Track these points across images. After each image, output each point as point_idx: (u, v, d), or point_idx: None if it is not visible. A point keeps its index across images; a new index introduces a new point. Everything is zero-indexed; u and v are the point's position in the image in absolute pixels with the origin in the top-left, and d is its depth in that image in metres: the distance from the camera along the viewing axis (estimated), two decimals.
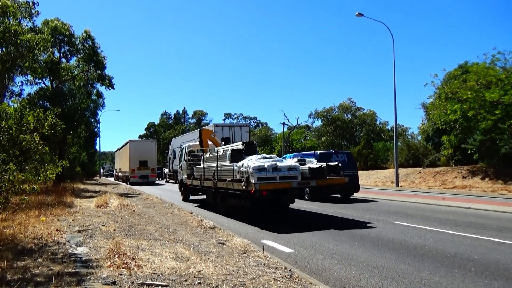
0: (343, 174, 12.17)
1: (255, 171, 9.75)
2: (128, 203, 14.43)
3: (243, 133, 24.20)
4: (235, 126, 25.17)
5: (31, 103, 22.91)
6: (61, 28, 24.38)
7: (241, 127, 25.06)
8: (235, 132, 24.05)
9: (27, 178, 8.22)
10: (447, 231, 8.68)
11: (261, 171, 9.81)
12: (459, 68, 29.42)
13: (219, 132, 22.90)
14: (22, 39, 17.90)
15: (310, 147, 59.06)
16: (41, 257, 5.74)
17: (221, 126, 24.68)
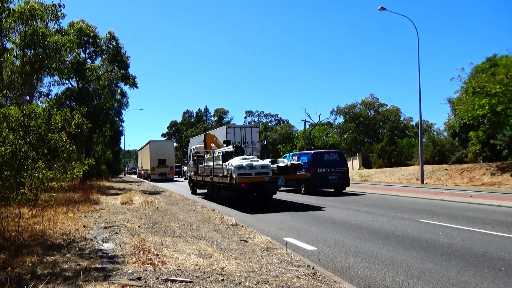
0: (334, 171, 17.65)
1: (235, 168, 12.62)
2: (152, 200, 14.68)
3: (253, 134, 25.93)
4: (246, 127, 27.18)
5: (59, 103, 23.59)
6: (86, 30, 24.98)
7: (252, 128, 26.87)
8: (246, 132, 25.83)
9: (56, 176, 8.47)
10: (475, 229, 8.42)
11: (240, 168, 12.63)
12: (488, 61, 28.43)
13: (231, 133, 24.87)
14: (49, 41, 18.45)
15: (332, 144, 58.58)
16: (69, 253, 5.90)
17: (233, 127, 26.52)
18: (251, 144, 25.25)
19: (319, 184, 18.16)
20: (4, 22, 16.52)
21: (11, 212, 8.51)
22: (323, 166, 18.19)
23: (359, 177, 34.36)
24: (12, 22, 17.17)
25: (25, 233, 6.93)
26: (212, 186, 16.11)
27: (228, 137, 24.10)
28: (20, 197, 6.78)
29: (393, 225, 9.24)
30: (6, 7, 11.70)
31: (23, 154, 6.89)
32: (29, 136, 7.92)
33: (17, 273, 4.72)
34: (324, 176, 18.01)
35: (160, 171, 38.37)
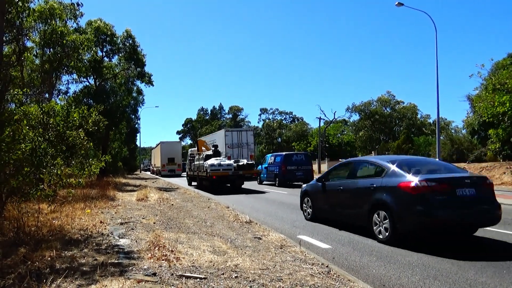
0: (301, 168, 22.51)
1: (209, 166, 19.09)
2: (167, 197, 14.84)
3: (248, 136, 30.07)
4: (241, 130, 31.72)
5: (77, 101, 24.04)
6: (103, 28, 25.36)
7: (247, 131, 31.11)
8: (242, 135, 29.91)
9: (73, 173, 8.65)
10: (494, 229, 8.23)
11: (212, 166, 19.05)
12: (509, 57, 27.80)
13: (229, 135, 29.25)
14: (67, 40, 18.79)
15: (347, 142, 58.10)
16: (87, 248, 6.02)
17: (231, 131, 30.62)
18: (246, 145, 29.73)
19: (289, 179, 22.95)
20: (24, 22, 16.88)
21: (31, 207, 8.71)
22: (292, 164, 22.73)
23: None
24: (32, 21, 17.54)
25: (44, 228, 7.09)
26: (199, 179, 22.24)
27: (226, 139, 29.03)
28: (39, 193, 6.95)
29: None
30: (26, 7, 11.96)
31: (42, 151, 7.05)
32: (48, 133, 8.11)
33: (37, 267, 4.84)
34: (292, 172, 22.66)
35: (169, 168, 43.81)
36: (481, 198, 6.94)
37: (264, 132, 74.59)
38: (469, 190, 6.73)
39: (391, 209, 6.91)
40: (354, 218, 8.19)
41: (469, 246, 6.73)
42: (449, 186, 6.69)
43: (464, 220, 6.72)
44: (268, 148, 71.96)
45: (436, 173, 7.42)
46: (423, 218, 6.52)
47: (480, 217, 6.88)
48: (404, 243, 6.83)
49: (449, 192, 6.63)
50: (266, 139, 73.05)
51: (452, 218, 6.55)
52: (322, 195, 9.36)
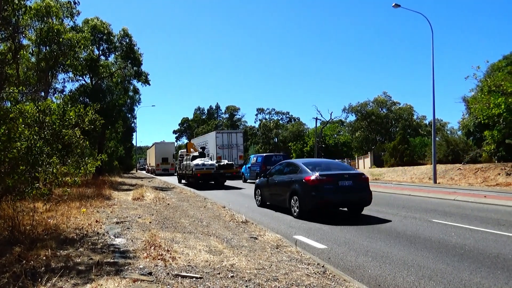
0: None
1: (194, 165, 22.34)
2: (163, 196, 14.81)
3: (238, 138, 32.07)
4: (232, 132, 33.44)
5: (73, 99, 23.92)
6: (100, 27, 25.25)
7: (237, 133, 33.02)
8: (232, 136, 31.84)
9: (69, 171, 8.60)
10: (489, 230, 8.29)
11: (197, 165, 22.22)
12: (504, 59, 27.92)
13: (219, 137, 31.32)
14: (64, 38, 18.70)
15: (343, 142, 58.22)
16: (82, 247, 6.00)
17: (221, 132, 32.93)
18: (236, 146, 31.65)
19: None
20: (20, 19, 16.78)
21: (26, 206, 8.68)
22: (271, 164, 23.21)
23: (370, 175, 34.03)
24: (28, 19, 17.44)
25: (40, 227, 7.06)
26: (187, 177, 25.36)
27: (217, 140, 31.06)
28: (34, 191, 6.91)
29: (405, 224, 9.16)
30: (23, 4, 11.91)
31: (38, 150, 7.02)
32: (44, 131, 8.07)
33: (32, 266, 4.82)
34: None
35: (163, 167, 46.60)
36: (356, 187, 10.17)
37: (260, 132, 74.55)
38: (347, 182, 10.09)
39: (299, 195, 10.32)
40: (282, 202, 11.34)
41: (465, 248, 6.77)
42: (334, 179, 10.02)
43: (343, 201, 10.32)
44: (265, 148, 71.93)
45: (329, 171, 10.61)
46: (317, 200, 9.90)
47: (355, 199, 10.29)
48: (308, 216, 10.14)
49: (334, 183, 9.97)
50: (263, 139, 73.02)
51: (335, 199, 10.04)
52: (267, 187, 12.69)
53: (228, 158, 29.22)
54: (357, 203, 10.54)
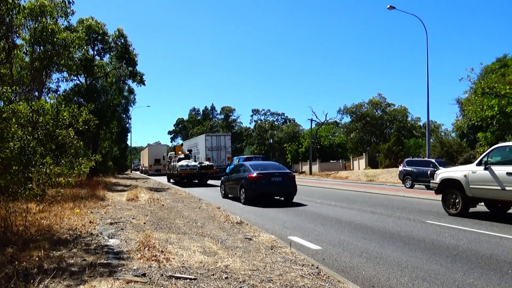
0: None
1: (179, 166, 25.48)
2: (158, 197, 14.75)
3: (226, 140, 34.42)
4: (220, 135, 36.03)
5: (67, 99, 23.75)
6: (95, 27, 25.11)
7: (225, 136, 35.63)
8: (220, 139, 34.21)
9: (63, 172, 8.54)
10: (482, 231, 8.35)
11: (182, 166, 25.38)
12: (498, 61, 28.16)
13: (209, 140, 33.77)
14: (58, 38, 18.57)
15: (338, 144, 58.38)
16: (76, 248, 5.96)
17: (210, 135, 35.62)
18: (224, 148, 33.87)
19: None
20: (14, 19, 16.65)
21: (19, 207, 8.61)
22: None
23: (365, 177, 34.23)
24: (22, 18, 17.29)
25: (32, 228, 7.00)
26: (174, 176, 28.00)
27: (207, 143, 33.46)
28: (27, 192, 6.85)
29: (399, 225, 9.20)
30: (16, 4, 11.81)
31: (31, 150, 6.96)
32: (37, 131, 8.00)
33: (24, 267, 4.78)
34: None
35: (155, 167, 49.12)
36: (285, 182, 14.03)
37: (256, 133, 74.52)
38: (278, 178, 13.96)
39: (245, 187, 14.19)
40: (236, 193, 15.37)
41: (458, 249, 6.80)
42: (268, 176, 13.90)
43: (275, 192, 14.39)
44: (260, 149, 71.88)
45: (266, 170, 14.35)
46: (256, 191, 13.78)
47: (283, 191, 14.29)
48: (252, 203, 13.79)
49: (268, 179, 13.87)
50: (258, 140, 72.99)
51: (269, 191, 14.01)
52: (227, 183, 16.60)
53: (216, 159, 32.00)
54: (285, 194, 14.48)
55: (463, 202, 10.47)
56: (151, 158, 50.34)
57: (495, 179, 9.48)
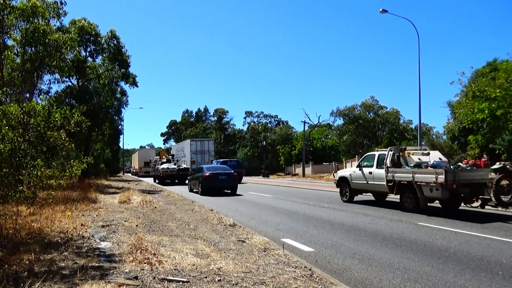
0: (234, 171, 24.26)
1: (161, 168, 31.17)
2: (150, 199, 14.67)
3: (210, 145, 37.74)
4: (204, 140, 39.30)
5: (58, 101, 23.58)
6: (87, 28, 24.98)
7: (209, 141, 39.01)
8: (204, 144, 37.40)
9: (54, 174, 8.44)
10: (473, 233, 8.43)
11: (163, 168, 30.87)
12: (488, 65, 28.47)
13: (193, 144, 36.89)
14: (50, 39, 18.42)
15: (331, 146, 58.58)
16: (67, 251, 5.90)
17: (195, 140, 38.85)
18: (208, 152, 36.98)
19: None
20: (5, 19, 16.50)
21: (9, 209, 8.50)
22: None
23: None
24: (13, 19, 17.15)
25: (23, 231, 6.92)
26: (157, 177, 32.29)
27: (192, 147, 36.47)
28: (18, 194, 6.77)
29: (391, 227, 9.25)
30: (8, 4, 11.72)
31: (22, 152, 6.89)
32: (28, 133, 7.91)
33: (14, 270, 4.72)
34: None
35: (145, 170, 52.58)
36: (228, 179, 20.09)
37: (249, 135, 74.46)
38: (224, 176, 19.97)
39: (200, 183, 19.94)
40: (196, 188, 20.89)
41: (449, 250, 6.86)
42: (216, 175, 19.80)
43: (222, 187, 20.18)
44: (253, 151, 71.84)
45: (216, 171, 20.29)
46: (208, 185, 19.71)
47: (228, 186, 20.27)
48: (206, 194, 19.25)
49: (216, 177, 19.78)
50: (251, 142, 72.94)
51: (217, 185, 19.87)
52: (192, 181, 22.42)
53: (201, 162, 34.83)
54: (229, 187, 20.42)
55: (350, 193, 14.81)
56: (141, 161, 54.59)
57: (363, 176, 13.93)
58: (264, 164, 61.69)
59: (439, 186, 10.77)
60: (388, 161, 12.77)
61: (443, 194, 10.86)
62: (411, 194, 11.94)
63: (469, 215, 11.14)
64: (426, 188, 11.31)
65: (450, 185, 10.65)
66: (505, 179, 10.71)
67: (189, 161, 35.76)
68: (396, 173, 12.37)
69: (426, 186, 11.26)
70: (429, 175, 11.23)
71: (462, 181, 10.90)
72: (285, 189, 24.21)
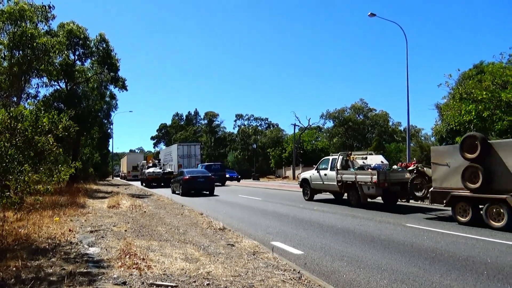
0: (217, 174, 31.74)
1: (147, 172, 34.46)
2: (140, 204, 14.59)
3: (196, 149, 38.92)
4: (190, 144, 40.69)
5: (46, 105, 23.29)
6: (76, 31, 24.76)
7: (195, 145, 40.17)
8: (191, 148, 38.59)
9: (42, 179, 8.37)
10: (459, 233, 8.57)
11: (149, 172, 34.09)
12: (474, 68, 28.94)
13: (180, 148, 37.94)
14: (38, 43, 18.24)
15: (321, 148, 58.85)
16: (55, 257, 5.86)
17: (182, 145, 40.29)
18: (194, 156, 38.25)
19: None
20: None
21: None
22: (211, 171, 29.98)
23: None
24: (1, 23, 16.96)
25: (10, 237, 6.85)
26: (144, 180, 34.97)
27: (179, 151, 37.53)
28: (5, 200, 6.70)
29: (379, 229, 9.35)
30: None
31: (9, 157, 6.82)
32: (15, 138, 7.83)
33: (1, 277, 4.67)
34: None
35: (133, 173, 54.08)
36: (206, 182, 22.79)
37: (239, 138, 74.45)
38: (202, 179, 22.79)
39: (181, 185, 22.58)
40: (177, 190, 23.42)
41: (436, 251, 6.96)
42: (195, 178, 22.55)
43: (200, 189, 22.77)
44: (243, 154, 71.81)
45: (195, 174, 23.17)
46: (187, 187, 22.35)
47: (205, 188, 22.84)
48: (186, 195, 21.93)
49: (195, 180, 22.51)
50: (241, 145, 72.93)
51: (196, 187, 22.58)
52: (174, 183, 25.13)
53: (187, 166, 35.85)
54: (207, 189, 22.82)
55: (310, 192, 17.09)
56: (130, 165, 56.56)
57: (320, 178, 16.13)
58: (255, 167, 61.71)
59: (374, 185, 13.08)
60: (338, 164, 15.10)
61: (377, 191, 13.29)
62: (355, 192, 14.26)
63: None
64: (365, 186, 13.63)
65: (382, 184, 12.95)
66: (418, 178, 12.09)
67: (176, 165, 36.76)
68: (343, 174, 14.72)
69: (365, 185, 13.60)
70: (366, 175, 13.49)
71: (393, 180, 13.12)
72: (276, 192, 24.28)
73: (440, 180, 10.79)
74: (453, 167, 10.36)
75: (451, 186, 10.39)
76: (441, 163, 10.81)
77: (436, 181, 10.92)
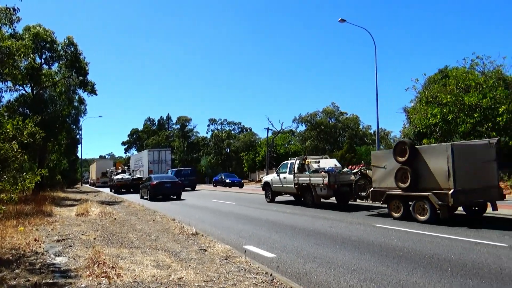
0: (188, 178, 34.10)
1: (116, 178, 33.66)
2: (110, 211, 14.25)
3: (167, 154, 39.04)
4: (161, 150, 40.98)
5: (11, 110, 22.44)
6: (42, 35, 24.00)
7: (166, 151, 40.45)
8: (161, 154, 38.73)
9: (5, 188, 8.05)
10: (426, 232, 8.86)
11: (118, 178, 33.31)
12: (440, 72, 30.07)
13: (151, 154, 38.42)
14: (2, 46, 17.54)
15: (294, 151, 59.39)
16: (19, 268, 5.64)
17: (153, 150, 40.77)
18: (165, 161, 38.26)
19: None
20: None
21: None
22: (181, 176, 32.11)
23: None
24: None
25: None
26: (113, 186, 34.48)
27: (149, 157, 37.89)
28: None
29: (350, 230, 9.53)
30: None
31: None
32: None
33: None
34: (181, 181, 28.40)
35: (102, 180, 52.50)
36: (173, 187, 23.53)
37: (212, 142, 74.09)
38: (169, 184, 23.40)
39: (149, 190, 23.11)
40: (146, 195, 23.63)
41: (404, 250, 7.16)
42: (162, 183, 23.12)
43: (167, 194, 23.15)
44: (217, 158, 71.49)
45: (162, 179, 23.78)
46: (155, 193, 22.73)
47: (172, 193, 23.38)
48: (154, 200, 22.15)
49: (162, 185, 23.03)
50: (215, 149, 72.62)
51: (163, 193, 23.00)
52: (142, 189, 25.43)
53: (158, 171, 36.10)
54: (174, 194, 23.37)
55: (272, 194, 18.04)
56: (99, 172, 55.49)
57: (280, 180, 17.13)
58: (228, 171, 61.54)
59: (326, 186, 14.12)
60: (296, 168, 16.01)
61: (329, 192, 14.35)
62: (310, 193, 15.21)
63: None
64: (318, 188, 14.63)
65: (332, 185, 14.02)
66: (362, 180, 13.31)
67: (146, 171, 36.51)
68: (300, 177, 15.66)
69: (318, 186, 14.59)
70: (319, 178, 14.49)
71: (342, 182, 14.18)
72: (249, 196, 24.30)
73: (378, 181, 11.92)
74: (388, 169, 11.47)
75: (387, 186, 11.53)
76: (379, 165, 11.90)
77: (375, 182, 12.05)
